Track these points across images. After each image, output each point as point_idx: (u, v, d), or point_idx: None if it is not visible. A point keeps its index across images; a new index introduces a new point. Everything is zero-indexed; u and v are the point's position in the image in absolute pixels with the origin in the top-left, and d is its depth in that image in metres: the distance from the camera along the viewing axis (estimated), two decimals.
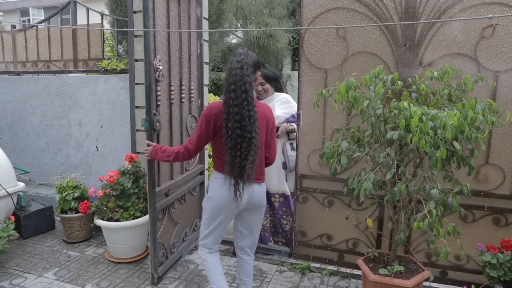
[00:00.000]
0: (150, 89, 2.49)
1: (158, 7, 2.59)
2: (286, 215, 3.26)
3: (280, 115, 3.10)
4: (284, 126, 3.10)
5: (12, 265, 3.03)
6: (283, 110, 3.13)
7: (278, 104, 3.14)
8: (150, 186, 2.60)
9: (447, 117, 1.80)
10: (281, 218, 3.27)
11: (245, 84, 1.89)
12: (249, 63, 1.94)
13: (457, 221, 2.54)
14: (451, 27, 2.48)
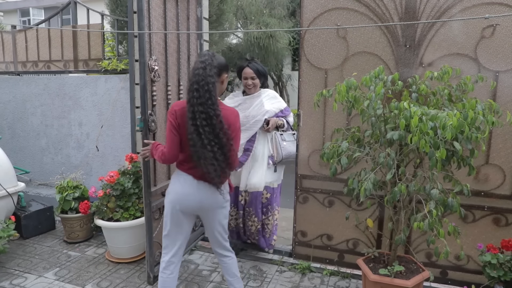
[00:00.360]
0: (144, 89, 2.50)
1: (154, 8, 2.58)
2: (250, 216, 3.14)
3: (270, 109, 3.08)
4: (274, 120, 3.07)
5: (13, 265, 3.03)
6: (273, 104, 3.12)
7: (267, 99, 3.12)
8: (146, 185, 2.60)
9: (447, 117, 1.80)
10: (246, 220, 3.18)
11: (208, 84, 1.90)
12: (213, 64, 1.94)
13: (457, 221, 2.54)
14: (451, 27, 2.48)
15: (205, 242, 3.45)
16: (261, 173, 3.08)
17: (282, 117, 3.16)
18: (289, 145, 3.08)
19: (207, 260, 3.15)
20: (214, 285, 2.78)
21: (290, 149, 3.06)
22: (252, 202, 3.10)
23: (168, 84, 2.82)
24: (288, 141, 3.10)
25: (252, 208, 3.11)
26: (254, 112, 3.06)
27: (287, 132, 3.17)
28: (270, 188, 3.13)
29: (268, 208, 3.15)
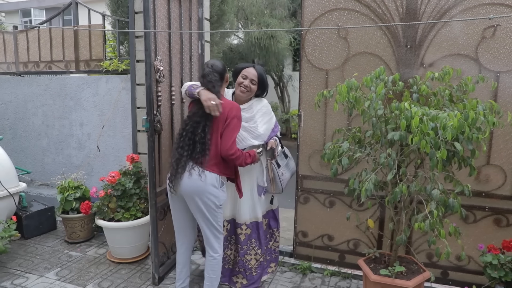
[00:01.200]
0: (150, 90, 2.50)
1: (159, 8, 2.59)
2: (251, 249, 2.68)
3: (264, 133, 2.56)
4: (273, 144, 2.61)
5: (14, 265, 3.04)
6: (268, 124, 2.60)
7: (260, 115, 2.57)
8: (151, 186, 2.61)
9: (448, 117, 1.80)
10: (245, 254, 2.67)
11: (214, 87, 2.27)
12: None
13: (458, 221, 2.54)
14: (452, 27, 2.48)
15: None
16: (249, 204, 2.64)
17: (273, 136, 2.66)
18: (285, 172, 2.72)
19: None
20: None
21: (287, 175, 2.72)
22: (252, 234, 2.67)
23: (172, 84, 2.82)
24: (283, 166, 2.71)
25: (254, 239, 2.68)
26: (242, 131, 2.48)
27: (282, 150, 2.75)
28: (270, 213, 2.81)
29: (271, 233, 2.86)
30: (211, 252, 2.38)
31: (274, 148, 2.60)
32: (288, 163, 2.77)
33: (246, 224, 2.65)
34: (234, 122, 2.25)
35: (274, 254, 2.89)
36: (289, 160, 2.78)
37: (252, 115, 2.55)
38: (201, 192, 2.23)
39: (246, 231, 2.66)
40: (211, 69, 2.28)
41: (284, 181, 2.69)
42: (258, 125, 2.54)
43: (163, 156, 2.74)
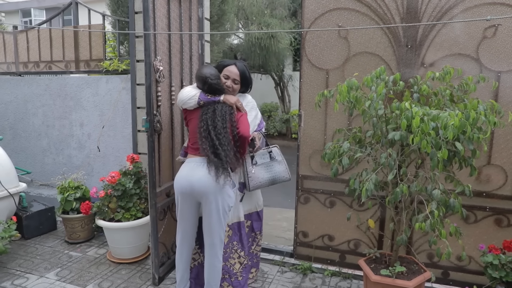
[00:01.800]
0: (150, 90, 2.49)
1: (158, 8, 2.59)
2: (233, 252, 2.57)
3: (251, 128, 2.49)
4: (259, 137, 2.56)
5: (14, 266, 3.03)
6: (254, 120, 2.54)
7: (247, 109, 2.51)
8: (151, 186, 2.60)
9: (449, 117, 1.80)
10: (229, 258, 2.55)
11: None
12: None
13: (459, 221, 2.53)
14: (453, 27, 2.48)
15: None
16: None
17: (259, 131, 2.60)
18: (261, 172, 2.50)
19: None
20: None
21: (261, 176, 2.49)
22: (233, 236, 2.56)
23: (172, 84, 2.82)
24: (261, 164, 2.53)
25: (235, 242, 2.58)
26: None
27: (261, 150, 2.57)
28: (254, 214, 2.70)
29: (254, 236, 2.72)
30: (216, 261, 2.31)
31: (254, 138, 2.47)
32: (272, 166, 2.55)
33: (228, 225, 2.52)
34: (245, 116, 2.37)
35: (256, 258, 2.77)
36: (274, 163, 2.56)
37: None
38: (219, 192, 2.23)
39: (228, 232, 2.54)
40: (214, 79, 2.32)
41: (253, 179, 2.47)
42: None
43: (163, 156, 2.74)
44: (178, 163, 2.98)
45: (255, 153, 2.53)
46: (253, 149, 2.49)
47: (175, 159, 2.91)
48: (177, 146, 2.94)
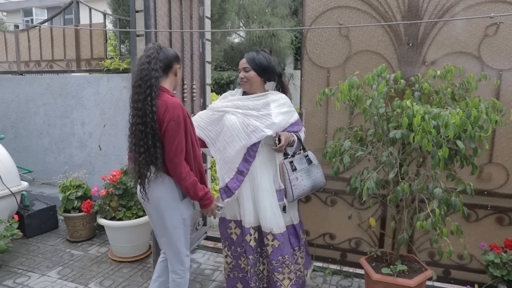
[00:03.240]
0: None
1: (159, 7, 2.59)
2: (283, 266, 2.27)
3: (279, 122, 2.22)
4: (287, 135, 2.21)
5: (16, 264, 3.04)
6: (283, 116, 2.26)
7: (277, 105, 2.26)
8: None
9: (450, 115, 1.79)
10: (275, 271, 2.26)
11: (151, 79, 1.84)
12: (159, 58, 1.89)
13: (460, 220, 2.53)
14: (455, 25, 2.47)
15: (207, 241, 3.46)
16: (271, 209, 2.26)
17: (294, 132, 2.32)
18: (303, 178, 2.29)
19: (209, 259, 3.15)
20: (217, 284, 2.78)
21: (304, 183, 2.28)
22: (281, 247, 2.25)
23: None
24: (301, 170, 2.30)
25: (284, 254, 2.26)
26: (253, 120, 2.19)
27: (298, 155, 2.34)
28: (289, 228, 2.39)
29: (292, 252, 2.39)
30: (172, 274, 2.07)
31: (282, 142, 2.17)
32: (311, 170, 2.34)
33: (272, 233, 2.25)
34: (171, 126, 1.82)
35: (296, 279, 2.37)
36: (312, 167, 2.36)
37: (266, 103, 2.25)
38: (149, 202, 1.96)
39: (273, 242, 2.26)
40: (156, 52, 1.88)
41: (297, 188, 2.25)
42: (273, 113, 2.21)
43: None
44: None
45: (293, 158, 2.30)
46: (284, 156, 2.27)
47: None
48: None
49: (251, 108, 2.23)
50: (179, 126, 1.83)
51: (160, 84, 1.92)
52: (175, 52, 2.01)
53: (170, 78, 1.98)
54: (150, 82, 1.83)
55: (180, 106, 1.87)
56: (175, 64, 1.98)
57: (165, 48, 1.98)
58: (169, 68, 1.95)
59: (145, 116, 1.82)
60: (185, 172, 1.86)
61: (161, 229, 2.03)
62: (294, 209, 2.42)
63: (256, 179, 2.25)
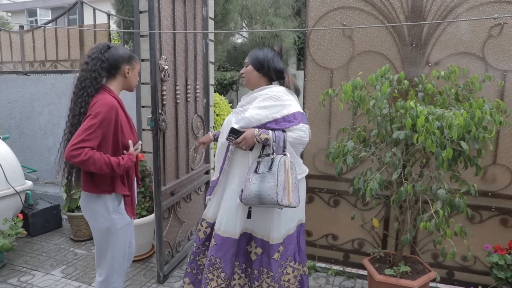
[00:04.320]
0: (155, 89, 2.51)
1: (163, 7, 2.60)
2: (210, 269, 2.09)
3: (251, 116, 1.99)
4: (251, 133, 1.96)
5: (20, 263, 3.06)
6: (264, 110, 2.00)
7: (261, 100, 2.04)
8: (156, 185, 2.62)
9: (453, 116, 1.79)
10: (206, 269, 2.11)
11: (86, 80, 1.84)
12: (101, 58, 1.86)
13: (464, 221, 2.52)
14: (458, 26, 2.46)
15: None
16: (227, 210, 2.06)
17: (276, 130, 1.98)
18: (255, 181, 1.91)
19: None
20: None
21: (252, 188, 1.89)
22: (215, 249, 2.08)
23: (177, 83, 2.83)
24: (261, 173, 1.92)
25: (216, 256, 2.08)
26: (232, 117, 2.11)
27: (267, 157, 1.96)
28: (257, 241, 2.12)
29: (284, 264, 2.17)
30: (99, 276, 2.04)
31: (239, 139, 1.95)
32: (264, 177, 1.90)
33: (215, 233, 2.11)
34: (87, 120, 1.78)
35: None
36: (267, 174, 1.89)
37: (253, 98, 2.09)
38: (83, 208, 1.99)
39: (213, 240, 2.10)
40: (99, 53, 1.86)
41: (246, 190, 1.92)
42: (250, 108, 2.03)
43: (168, 155, 2.75)
44: (182, 162, 2.99)
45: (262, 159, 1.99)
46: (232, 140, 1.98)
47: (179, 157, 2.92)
48: (181, 145, 2.95)
49: (240, 105, 2.13)
50: (95, 123, 1.76)
51: (106, 84, 1.93)
52: (125, 53, 1.96)
53: (118, 79, 1.96)
54: (84, 83, 1.84)
55: (109, 105, 1.81)
56: (124, 65, 1.94)
57: (114, 48, 1.95)
58: (116, 69, 1.93)
59: (74, 117, 1.85)
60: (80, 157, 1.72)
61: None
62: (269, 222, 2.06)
63: (228, 177, 2.11)
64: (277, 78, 2.14)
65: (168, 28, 2.69)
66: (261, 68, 2.10)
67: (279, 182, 1.87)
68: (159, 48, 2.56)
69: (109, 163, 1.80)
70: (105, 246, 1.97)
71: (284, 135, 1.98)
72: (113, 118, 1.83)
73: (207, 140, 2.42)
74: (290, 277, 2.19)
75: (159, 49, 2.55)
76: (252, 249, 2.13)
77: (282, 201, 1.85)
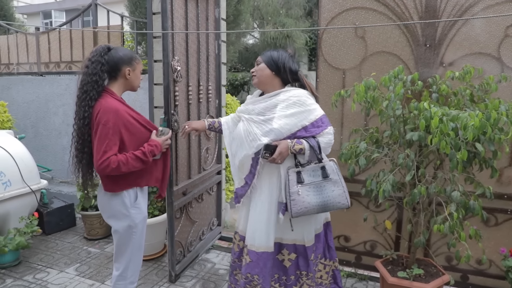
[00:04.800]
0: (168, 89, 2.53)
1: (176, 9, 2.62)
2: (249, 285, 2.04)
3: (280, 127, 1.92)
4: (286, 146, 1.91)
5: (36, 260, 3.12)
6: (291, 118, 1.94)
7: (284, 106, 1.95)
8: (168, 184, 2.64)
9: (469, 117, 1.77)
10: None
11: (88, 84, 1.87)
12: (101, 61, 1.89)
13: (479, 224, 2.48)
14: (474, 26, 2.43)
15: (221, 241, 3.48)
16: (256, 223, 2.03)
17: (306, 138, 1.96)
18: (308, 192, 1.91)
19: (223, 259, 3.16)
20: None
21: (307, 200, 1.89)
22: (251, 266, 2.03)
23: (189, 84, 2.85)
24: (308, 184, 1.92)
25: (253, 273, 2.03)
26: (254, 127, 1.98)
27: (310, 165, 1.96)
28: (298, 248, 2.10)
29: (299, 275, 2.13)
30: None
31: (275, 155, 1.89)
32: (323, 186, 1.94)
33: (247, 248, 2.05)
34: (100, 129, 1.83)
35: None
36: (326, 183, 1.94)
37: (274, 104, 1.98)
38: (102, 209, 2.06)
39: (246, 256, 2.06)
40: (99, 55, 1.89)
41: (297, 203, 1.88)
42: (275, 117, 1.94)
43: (180, 155, 2.77)
44: (194, 162, 3.01)
45: (303, 168, 1.95)
46: (268, 157, 1.91)
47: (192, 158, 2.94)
48: (193, 145, 2.97)
49: (257, 113, 2.01)
50: (108, 131, 1.82)
51: (108, 86, 1.95)
52: (126, 54, 1.96)
53: (120, 81, 1.98)
54: (86, 87, 1.87)
55: (113, 110, 1.84)
56: (124, 67, 1.94)
57: (115, 50, 1.96)
58: (116, 71, 1.95)
59: (80, 121, 1.89)
60: (111, 166, 1.80)
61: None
62: (307, 226, 2.07)
63: (258, 189, 2.04)
64: (292, 80, 2.09)
65: (181, 29, 2.71)
66: (276, 67, 2.03)
67: (345, 188, 2.00)
68: (172, 49, 2.58)
69: (136, 157, 1.89)
70: (125, 242, 2.03)
71: (318, 141, 1.98)
72: (121, 120, 1.87)
73: (201, 127, 2.36)
74: (322, 273, 2.22)
75: (171, 50, 2.57)
76: (285, 257, 2.10)
77: (349, 203, 1.99)
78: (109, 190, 1.95)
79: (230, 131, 2.25)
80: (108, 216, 2.03)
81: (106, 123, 1.82)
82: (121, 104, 1.94)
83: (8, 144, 3.32)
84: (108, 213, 2.02)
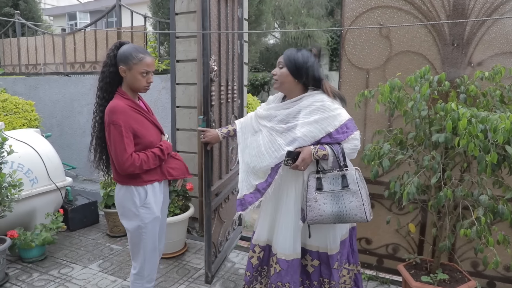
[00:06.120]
0: (208, 89, 2.48)
1: (211, 8, 2.57)
2: (323, 285, 2.07)
3: (304, 135, 1.89)
4: (309, 152, 1.88)
5: (61, 256, 3.20)
6: (315, 124, 1.89)
7: (307, 112, 1.92)
8: (206, 185, 2.59)
9: (499, 119, 1.71)
10: None
11: (99, 83, 1.94)
12: (109, 63, 1.92)
13: (507, 229, 2.39)
14: (504, 24, 2.35)
15: (241, 241, 3.48)
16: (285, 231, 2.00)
17: (330, 144, 1.91)
18: (325, 200, 1.87)
19: (243, 259, 3.17)
20: None
21: (323, 208, 1.86)
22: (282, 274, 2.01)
23: (221, 83, 2.83)
24: (326, 191, 1.88)
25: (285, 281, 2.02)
26: (277, 137, 1.96)
27: (333, 173, 1.91)
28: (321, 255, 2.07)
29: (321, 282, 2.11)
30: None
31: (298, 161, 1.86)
32: (341, 196, 1.88)
33: (276, 257, 2.03)
34: (111, 131, 1.86)
35: None
36: (345, 193, 1.88)
37: (297, 111, 1.94)
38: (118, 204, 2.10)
39: (276, 265, 2.03)
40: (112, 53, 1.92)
41: (312, 210, 1.86)
42: (299, 125, 1.91)
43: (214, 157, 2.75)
44: (223, 162, 3.00)
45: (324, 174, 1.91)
46: (291, 164, 1.89)
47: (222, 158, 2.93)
48: (222, 145, 2.96)
49: (280, 120, 1.98)
50: (120, 130, 1.85)
51: (122, 86, 1.99)
52: (124, 52, 1.90)
53: (124, 79, 1.96)
54: (99, 92, 1.95)
55: (120, 110, 1.86)
56: (120, 65, 1.91)
57: (123, 47, 1.93)
58: (117, 70, 1.94)
59: (96, 121, 1.98)
60: (135, 165, 1.89)
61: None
62: (332, 233, 2.02)
63: (281, 199, 2.02)
64: (313, 86, 2.00)
65: (215, 29, 2.66)
66: (299, 75, 1.93)
67: (364, 200, 1.88)
68: (209, 49, 2.50)
69: (155, 155, 1.98)
70: (137, 241, 2.07)
71: (342, 148, 1.92)
72: (128, 117, 1.91)
73: (214, 140, 2.34)
74: (345, 278, 2.18)
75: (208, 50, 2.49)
76: (308, 262, 2.09)
77: (370, 218, 1.88)
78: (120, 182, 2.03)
79: (245, 137, 2.19)
80: (121, 214, 2.08)
81: (115, 123, 1.85)
82: (127, 101, 1.95)
83: (36, 143, 3.43)
84: (120, 210, 2.08)
